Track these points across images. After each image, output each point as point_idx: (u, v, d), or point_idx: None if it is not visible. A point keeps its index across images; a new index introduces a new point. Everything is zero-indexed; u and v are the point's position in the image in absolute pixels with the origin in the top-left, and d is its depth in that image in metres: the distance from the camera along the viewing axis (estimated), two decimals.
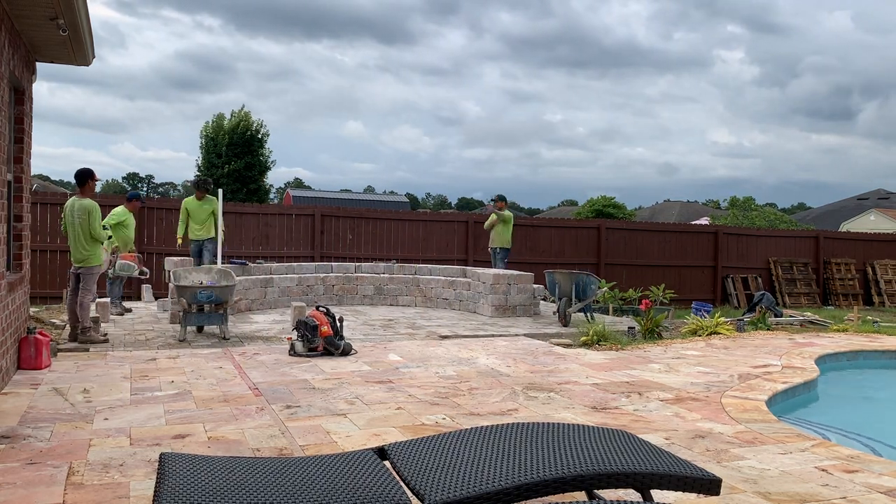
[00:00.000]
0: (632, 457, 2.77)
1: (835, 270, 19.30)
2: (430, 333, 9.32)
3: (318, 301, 12.04)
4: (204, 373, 6.52)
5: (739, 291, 18.01)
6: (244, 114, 28.75)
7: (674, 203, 56.04)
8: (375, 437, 4.61)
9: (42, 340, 6.61)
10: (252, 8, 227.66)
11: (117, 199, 14.24)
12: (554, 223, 17.46)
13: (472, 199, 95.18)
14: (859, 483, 3.91)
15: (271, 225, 14.70)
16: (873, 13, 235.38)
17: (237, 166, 27.68)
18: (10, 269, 6.62)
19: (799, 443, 4.70)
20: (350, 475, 2.59)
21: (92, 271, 7.83)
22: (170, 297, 9.72)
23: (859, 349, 8.93)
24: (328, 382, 6.25)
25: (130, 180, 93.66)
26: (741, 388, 6.37)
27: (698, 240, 18.11)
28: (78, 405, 5.28)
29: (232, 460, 2.79)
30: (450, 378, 6.56)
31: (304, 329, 7.50)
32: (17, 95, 6.90)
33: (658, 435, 4.80)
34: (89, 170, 8.04)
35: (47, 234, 12.92)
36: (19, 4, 5.70)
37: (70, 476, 3.77)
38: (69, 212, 7.82)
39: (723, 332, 9.81)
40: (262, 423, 4.89)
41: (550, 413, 5.36)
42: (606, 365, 7.40)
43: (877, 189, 53.49)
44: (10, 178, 6.59)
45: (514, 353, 7.98)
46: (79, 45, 6.93)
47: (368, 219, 15.48)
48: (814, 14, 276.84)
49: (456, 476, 2.60)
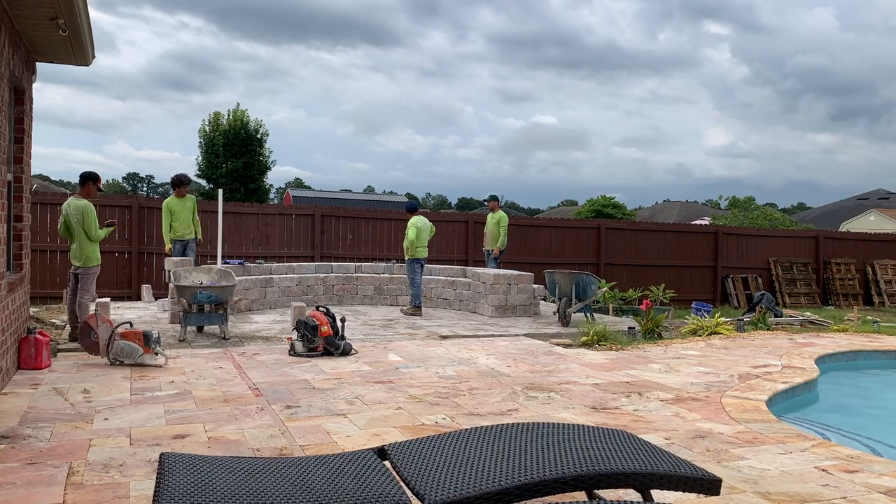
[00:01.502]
0: (632, 457, 2.77)
1: (835, 270, 19.30)
2: (430, 333, 9.32)
3: (318, 301, 12.04)
4: (204, 373, 6.52)
5: (739, 291, 18.01)
6: (241, 112, 28.64)
7: (674, 203, 56.05)
8: (375, 437, 4.61)
9: (42, 340, 6.61)
10: (232, 8, 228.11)
11: (117, 199, 14.27)
12: (554, 223, 17.46)
13: (472, 200, 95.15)
14: (859, 483, 3.91)
15: (271, 225, 14.70)
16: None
17: (235, 166, 27.64)
18: (10, 269, 6.62)
19: (799, 443, 4.70)
20: (350, 475, 2.59)
21: (90, 272, 7.83)
22: (169, 297, 9.72)
23: (859, 349, 8.93)
24: (328, 382, 6.25)
25: (130, 180, 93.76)
26: (741, 388, 6.37)
27: (698, 240, 18.11)
28: (78, 405, 5.28)
29: (232, 460, 2.79)
30: (450, 378, 6.56)
31: (304, 329, 7.50)
32: (17, 95, 6.90)
33: (658, 435, 4.80)
34: (94, 174, 8.06)
35: (47, 234, 12.91)
36: (19, 4, 5.70)
37: (70, 476, 3.77)
38: (67, 212, 7.83)
39: (723, 332, 9.81)
40: (262, 423, 4.89)
41: (550, 413, 5.36)
42: (606, 365, 7.40)
43: (877, 189, 53.48)
44: (10, 178, 6.59)
45: (514, 353, 7.98)
46: (79, 45, 6.93)
47: (368, 219, 15.48)
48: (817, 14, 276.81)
49: (456, 476, 2.60)
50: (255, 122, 28.80)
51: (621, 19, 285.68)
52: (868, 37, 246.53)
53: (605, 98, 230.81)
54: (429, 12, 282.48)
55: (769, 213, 32.43)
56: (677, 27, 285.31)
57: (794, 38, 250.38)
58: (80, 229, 7.74)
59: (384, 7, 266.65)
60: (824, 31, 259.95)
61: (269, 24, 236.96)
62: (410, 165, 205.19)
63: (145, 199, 14.87)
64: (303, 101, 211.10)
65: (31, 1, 5.62)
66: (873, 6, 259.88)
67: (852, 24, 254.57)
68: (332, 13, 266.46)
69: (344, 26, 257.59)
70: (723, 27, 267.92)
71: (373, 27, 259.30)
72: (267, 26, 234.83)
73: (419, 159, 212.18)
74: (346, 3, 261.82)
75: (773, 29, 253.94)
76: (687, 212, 49.19)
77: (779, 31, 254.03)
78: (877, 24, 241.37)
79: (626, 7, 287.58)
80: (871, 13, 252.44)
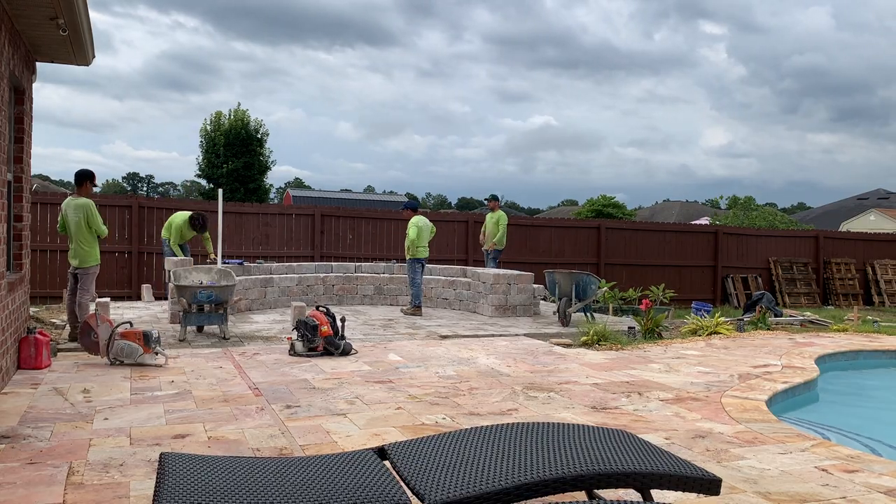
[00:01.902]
0: (632, 457, 2.77)
1: (835, 270, 19.30)
2: (430, 333, 9.32)
3: (319, 301, 12.04)
4: (204, 373, 6.52)
5: (739, 291, 18.01)
6: (242, 112, 28.63)
7: (674, 203, 56.05)
8: (375, 437, 4.61)
9: (42, 340, 6.61)
10: (226, 8, 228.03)
11: (117, 199, 14.27)
12: (554, 223, 17.46)
13: (471, 199, 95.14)
14: (859, 483, 3.91)
15: (271, 225, 14.70)
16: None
17: (236, 166, 27.63)
18: (10, 269, 6.62)
19: (799, 443, 4.70)
20: (350, 475, 2.59)
21: (89, 271, 7.83)
22: (169, 296, 9.72)
23: (859, 349, 8.94)
24: (328, 382, 6.25)
25: (130, 180, 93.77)
26: (741, 387, 6.37)
27: (698, 240, 18.11)
28: (78, 405, 5.28)
29: (232, 460, 2.79)
30: (450, 378, 6.56)
31: (304, 329, 7.50)
32: (17, 95, 6.90)
33: (658, 435, 4.80)
34: (89, 171, 8.03)
35: (47, 234, 12.92)
36: (19, 4, 5.70)
37: (70, 476, 3.77)
38: (66, 211, 7.82)
39: (723, 332, 9.81)
40: (262, 423, 4.89)
41: (550, 413, 5.36)
42: (606, 365, 7.40)
43: (877, 189, 53.47)
44: (10, 178, 6.59)
45: (514, 352, 7.98)
46: (79, 44, 6.93)
47: (368, 219, 15.48)
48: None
49: (456, 476, 2.60)
50: (256, 122, 28.80)
51: (617, 19, 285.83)
52: (864, 36, 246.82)
53: (602, 98, 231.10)
54: (424, 13, 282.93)
55: (768, 213, 32.44)
56: (673, 27, 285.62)
57: (790, 37, 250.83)
58: (83, 228, 7.73)
59: (378, 7, 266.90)
60: (820, 31, 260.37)
61: (264, 24, 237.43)
62: (409, 165, 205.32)
63: (145, 199, 14.88)
64: (301, 100, 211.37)
65: (32, 1, 5.62)
66: (868, 5, 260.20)
67: (848, 23, 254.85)
68: (327, 13, 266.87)
69: (340, 26, 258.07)
70: (718, 27, 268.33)
71: (369, 27, 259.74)
72: (262, 26, 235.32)
73: (418, 159, 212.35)
74: (342, 3, 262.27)
75: (769, 29, 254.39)
76: (687, 212, 49.20)
77: (775, 31, 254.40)
78: (872, 23, 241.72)
79: (622, 7, 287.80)
80: (866, 12, 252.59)
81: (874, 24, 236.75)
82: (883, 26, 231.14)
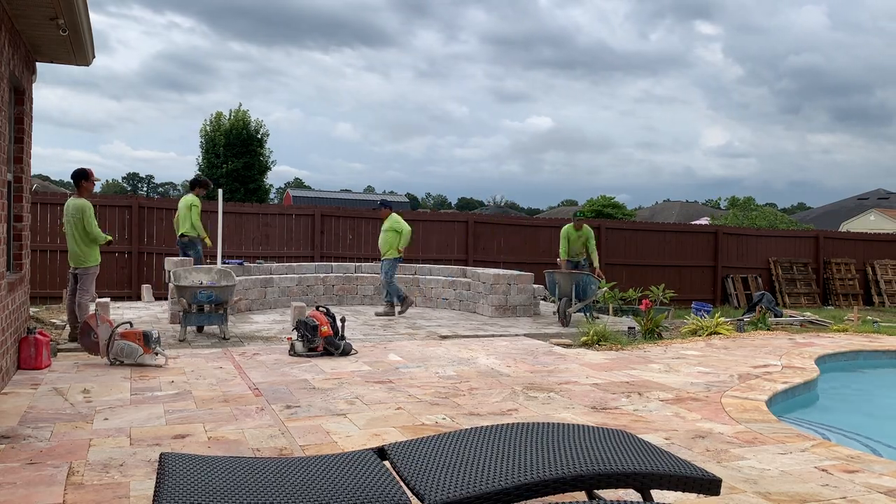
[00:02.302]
0: (632, 457, 2.77)
1: (835, 270, 19.30)
2: (430, 333, 9.32)
3: (318, 301, 12.04)
4: (204, 373, 6.52)
5: (739, 291, 18.01)
6: (242, 113, 28.65)
7: (674, 203, 56.05)
8: (375, 437, 4.61)
9: (42, 340, 6.61)
10: (221, 8, 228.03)
11: (117, 199, 14.27)
12: (554, 223, 17.44)
13: (472, 199, 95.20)
14: (859, 483, 3.91)
15: (271, 225, 14.70)
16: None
17: (236, 166, 27.64)
18: (10, 269, 6.62)
19: (799, 443, 4.70)
20: (350, 475, 2.59)
21: (88, 272, 7.83)
22: (169, 297, 9.72)
23: (859, 349, 8.94)
24: (328, 382, 6.25)
25: (130, 180, 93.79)
26: (741, 388, 6.37)
27: (698, 240, 18.11)
28: (78, 405, 5.28)
29: (232, 460, 2.79)
30: (450, 378, 6.56)
31: (304, 329, 7.50)
32: (17, 95, 6.90)
33: (658, 435, 4.80)
34: (84, 170, 7.99)
35: (47, 234, 12.92)
36: (19, 4, 5.70)
37: (70, 476, 3.77)
38: (66, 212, 7.83)
39: (723, 332, 9.81)
40: (262, 423, 4.89)
41: (550, 413, 5.36)
42: (606, 365, 7.40)
43: (877, 189, 53.48)
44: (10, 178, 6.59)
45: (514, 353, 7.98)
46: (79, 45, 6.93)
47: (368, 219, 15.47)
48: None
49: (456, 476, 2.60)
50: (256, 122, 28.83)
51: (613, 19, 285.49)
52: (859, 36, 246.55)
53: (601, 98, 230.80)
54: (419, 12, 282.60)
55: (768, 213, 32.44)
56: (669, 28, 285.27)
57: (786, 38, 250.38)
58: (79, 229, 7.73)
59: (372, 7, 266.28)
60: (816, 31, 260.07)
61: (260, 24, 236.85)
62: (408, 165, 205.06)
63: (145, 199, 14.88)
64: (298, 100, 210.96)
65: (32, 1, 5.62)
66: (862, 5, 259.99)
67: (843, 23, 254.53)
68: (322, 13, 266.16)
69: (335, 26, 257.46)
70: (714, 27, 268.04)
71: (364, 27, 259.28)
72: (258, 26, 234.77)
73: (417, 159, 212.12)
74: (336, 3, 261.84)
75: (765, 29, 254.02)
76: (687, 212, 49.20)
77: (771, 32, 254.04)
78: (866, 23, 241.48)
79: (618, 6, 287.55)
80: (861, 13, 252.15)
81: (868, 24, 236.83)
82: (876, 27, 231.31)
